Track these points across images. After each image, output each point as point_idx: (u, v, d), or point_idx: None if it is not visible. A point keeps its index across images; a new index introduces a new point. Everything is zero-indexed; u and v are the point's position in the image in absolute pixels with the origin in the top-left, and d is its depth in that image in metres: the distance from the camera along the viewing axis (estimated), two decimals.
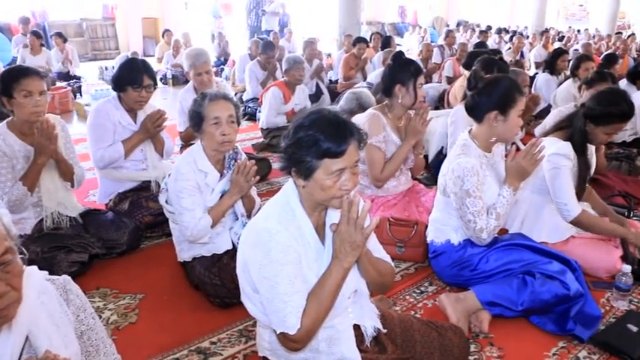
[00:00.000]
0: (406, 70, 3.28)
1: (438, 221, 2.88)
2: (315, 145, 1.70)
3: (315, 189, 1.77)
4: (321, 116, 1.76)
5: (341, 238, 1.77)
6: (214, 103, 2.76)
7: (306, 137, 1.72)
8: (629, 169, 4.81)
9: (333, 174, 1.72)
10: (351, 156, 1.73)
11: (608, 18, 19.68)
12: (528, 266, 2.61)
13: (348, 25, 10.96)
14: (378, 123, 3.33)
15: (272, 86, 5.72)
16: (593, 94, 3.13)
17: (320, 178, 1.73)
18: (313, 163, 1.72)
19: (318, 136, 1.70)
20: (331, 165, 1.71)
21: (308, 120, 1.76)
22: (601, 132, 2.99)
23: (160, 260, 3.25)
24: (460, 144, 2.73)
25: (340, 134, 1.72)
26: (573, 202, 2.97)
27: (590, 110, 2.98)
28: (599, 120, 2.96)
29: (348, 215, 1.75)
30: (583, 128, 3.00)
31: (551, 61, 7.04)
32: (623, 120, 2.97)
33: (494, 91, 2.61)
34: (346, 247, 1.77)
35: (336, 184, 1.74)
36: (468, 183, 2.58)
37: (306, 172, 1.74)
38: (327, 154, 1.70)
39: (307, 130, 1.73)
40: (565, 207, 2.96)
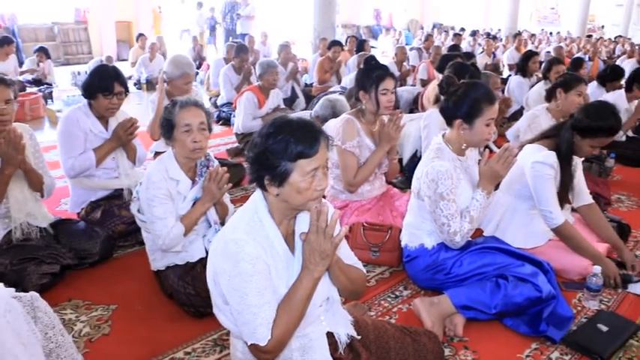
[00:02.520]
0: (368, 76, 3.29)
1: (411, 225, 2.89)
2: (287, 148, 1.71)
3: (290, 194, 1.76)
4: (287, 121, 1.78)
5: (310, 247, 1.77)
6: (185, 111, 2.74)
7: (277, 142, 1.73)
8: (599, 171, 4.89)
9: (308, 175, 1.73)
10: (322, 155, 1.75)
11: (579, 21, 20.02)
12: (501, 269, 2.63)
13: (323, 28, 10.97)
14: (352, 128, 3.34)
15: (246, 91, 5.69)
16: (583, 106, 3.16)
17: (295, 182, 1.73)
18: (288, 166, 1.72)
19: (289, 138, 1.71)
20: (306, 165, 1.72)
21: (274, 127, 1.77)
22: (587, 144, 3.02)
23: (133, 270, 3.21)
24: (434, 148, 2.75)
25: (311, 134, 1.73)
26: (557, 210, 3.00)
27: (578, 122, 3.01)
28: (587, 133, 2.99)
29: (317, 224, 1.74)
30: (570, 139, 3.03)
31: (523, 63, 7.12)
32: (611, 134, 3.00)
33: (461, 100, 2.64)
34: (316, 256, 1.77)
35: (312, 185, 1.75)
36: (442, 186, 2.60)
37: (280, 177, 1.74)
38: (301, 154, 1.71)
39: (277, 136, 1.73)
40: (550, 215, 3.00)
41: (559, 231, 3.02)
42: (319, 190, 1.77)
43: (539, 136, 3.22)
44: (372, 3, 24.14)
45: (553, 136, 3.11)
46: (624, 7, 23.83)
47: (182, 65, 4.29)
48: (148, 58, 10.65)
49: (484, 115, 2.61)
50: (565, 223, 3.00)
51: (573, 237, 3.02)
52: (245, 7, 14.39)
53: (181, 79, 4.26)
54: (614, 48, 16.56)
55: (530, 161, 3.03)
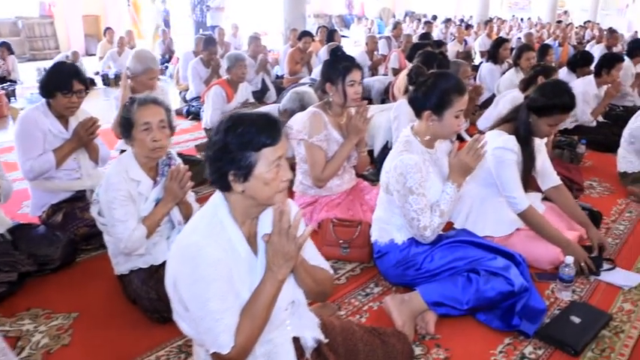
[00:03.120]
0: (335, 67, 3.22)
1: (381, 220, 2.83)
2: (251, 138, 1.66)
3: (257, 187, 1.70)
4: (242, 114, 1.73)
5: (273, 249, 1.70)
6: (144, 108, 2.65)
7: (238, 135, 1.67)
8: (571, 157, 4.88)
9: (273, 164, 1.67)
10: (284, 144, 1.71)
11: (549, 7, 20.13)
12: (472, 263, 2.58)
13: (294, 19, 10.84)
14: (318, 121, 3.26)
15: (214, 85, 5.58)
16: (538, 86, 3.13)
17: (261, 173, 1.67)
18: (252, 157, 1.66)
19: (250, 129, 1.66)
20: (270, 154, 1.67)
21: (232, 120, 1.71)
22: (544, 123, 2.99)
23: (96, 274, 3.10)
24: (402, 140, 2.68)
25: (271, 122, 1.70)
26: (521, 195, 2.97)
27: (533, 102, 2.99)
28: (542, 111, 2.96)
29: (280, 224, 1.68)
30: (527, 120, 3.00)
31: (494, 50, 7.10)
32: (565, 111, 2.98)
33: (430, 91, 2.57)
34: (279, 258, 1.70)
35: (278, 176, 1.70)
36: (410, 180, 2.54)
37: (245, 170, 1.67)
38: (265, 143, 1.66)
39: (237, 128, 1.67)
40: (514, 200, 2.97)
41: (524, 216, 3.00)
42: (285, 180, 1.72)
43: (500, 121, 3.18)
44: None
45: (512, 120, 3.07)
46: None
47: (145, 60, 4.16)
48: (116, 52, 10.45)
49: (454, 106, 2.55)
50: (530, 208, 2.97)
51: (538, 222, 3.00)
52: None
53: (145, 74, 4.14)
54: (584, 33, 16.69)
55: (491, 147, 2.99)
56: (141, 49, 4.44)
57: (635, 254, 3.31)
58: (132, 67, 4.17)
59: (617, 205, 4.09)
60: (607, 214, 3.86)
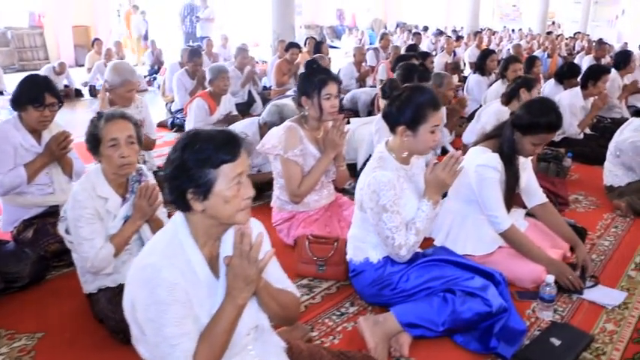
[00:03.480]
0: (310, 81, 3.15)
1: (356, 238, 2.75)
2: (209, 154, 1.60)
3: (218, 205, 1.63)
4: (200, 130, 1.68)
5: (234, 272, 1.63)
6: (111, 124, 2.58)
7: (196, 151, 1.61)
8: (557, 170, 4.81)
9: (234, 181, 1.61)
10: (245, 160, 1.65)
11: (539, 18, 20.21)
12: (449, 283, 2.50)
13: (282, 30, 10.81)
14: (294, 136, 3.19)
15: (196, 97, 5.50)
16: (524, 103, 3.07)
17: (221, 190, 1.61)
18: (212, 174, 1.60)
19: (208, 145, 1.61)
20: (230, 171, 1.61)
21: (189, 137, 1.66)
22: (528, 142, 2.92)
23: (65, 293, 2.99)
24: (376, 156, 2.61)
25: (230, 138, 1.64)
26: (503, 214, 2.90)
27: (518, 119, 2.92)
28: (527, 130, 2.89)
29: (241, 247, 1.61)
30: (511, 137, 2.93)
31: (481, 62, 7.07)
32: (551, 131, 2.92)
33: (405, 106, 2.50)
34: (240, 282, 1.63)
35: (239, 194, 1.63)
36: (384, 198, 2.46)
37: (205, 187, 1.61)
38: (224, 159, 1.60)
39: (195, 145, 1.62)
40: (495, 220, 2.90)
41: (506, 236, 2.92)
42: (247, 198, 1.66)
43: (483, 137, 3.12)
44: (335, 3, 24.06)
45: (496, 137, 3.01)
46: (582, 4, 24.19)
47: (123, 72, 4.09)
48: (103, 64, 10.32)
49: (428, 121, 2.48)
50: (512, 227, 2.90)
51: (520, 242, 2.93)
52: (204, 10, 14.16)
53: (123, 87, 4.06)
54: (574, 44, 16.74)
55: (474, 165, 2.92)
56: (119, 61, 4.37)
57: (619, 271, 3.23)
58: (110, 79, 4.10)
59: (602, 220, 4.01)
60: (592, 230, 3.79)
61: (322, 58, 6.84)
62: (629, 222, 3.99)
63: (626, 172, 4.31)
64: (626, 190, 4.27)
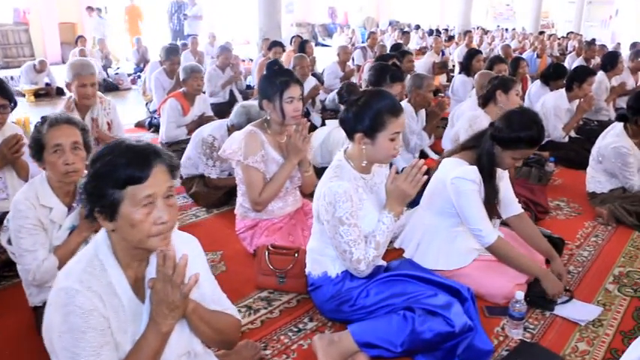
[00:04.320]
0: (271, 83, 2.98)
1: (314, 251, 2.58)
2: (114, 171, 1.45)
3: (125, 229, 1.49)
4: (119, 143, 1.53)
5: (158, 297, 1.50)
6: (55, 129, 2.42)
7: (103, 165, 1.47)
8: (540, 175, 4.65)
9: (141, 204, 1.46)
10: (159, 181, 1.49)
11: (533, 17, 20.06)
12: (410, 301, 2.33)
13: (269, 28, 10.65)
14: (254, 141, 3.02)
15: (169, 98, 5.33)
16: (504, 114, 2.89)
17: (128, 213, 1.46)
18: (116, 194, 1.45)
19: (116, 160, 1.46)
20: (137, 192, 1.45)
21: (106, 149, 1.52)
22: (508, 156, 2.76)
23: (11, 306, 2.82)
24: (334, 165, 2.44)
25: (142, 156, 1.48)
26: (487, 227, 2.74)
27: (498, 132, 2.74)
28: (507, 144, 2.73)
29: (163, 270, 1.46)
30: (490, 151, 2.77)
31: (467, 62, 6.91)
32: (533, 146, 2.76)
33: (362, 112, 2.32)
34: (163, 308, 1.49)
35: (149, 218, 1.47)
36: (340, 210, 2.29)
37: (110, 208, 1.47)
38: (130, 179, 1.45)
39: (104, 158, 1.48)
40: (480, 233, 2.73)
41: (493, 250, 2.76)
42: (160, 223, 1.49)
43: (459, 147, 2.95)
44: (327, 1, 23.89)
45: (473, 147, 2.84)
46: (575, 4, 24.07)
47: (74, 67, 3.92)
48: None
49: (387, 128, 2.30)
50: (499, 240, 2.74)
51: (508, 254, 2.76)
52: (192, 7, 13.95)
53: (75, 81, 3.87)
54: (567, 44, 16.59)
55: (450, 177, 2.75)
56: (76, 58, 4.20)
57: (596, 284, 3.07)
58: (67, 76, 3.94)
59: (583, 229, 3.85)
60: (572, 239, 3.64)
61: (302, 57, 6.64)
62: (611, 231, 3.83)
63: (608, 178, 4.16)
64: (609, 197, 4.11)
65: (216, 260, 3.30)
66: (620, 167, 3.97)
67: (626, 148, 3.95)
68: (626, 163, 3.95)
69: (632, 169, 3.97)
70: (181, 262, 1.48)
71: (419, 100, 4.60)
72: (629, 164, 3.96)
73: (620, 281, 3.10)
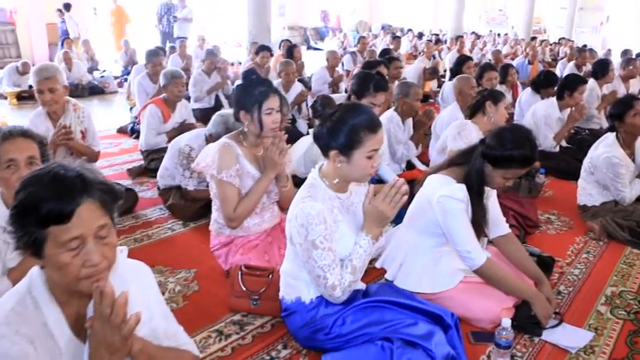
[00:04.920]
0: (249, 94, 2.82)
1: (288, 274, 2.42)
2: (34, 207, 1.27)
3: (52, 270, 1.33)
4: (46, 171, 1.33)
5: (96, 339, 1.33)
6: (9, 143, 2.28)
7: (24, 199, 1.29)
8: (530, 187, 4.52)
9: (66, 247, 1.29)
10: (87, 220, 1.31)
11: (525, 23, 19.97)
12: (388, 330, 2.18)
13: (258, 31, 10.47)
14: (229, 154, 2.85)
15: (149, 104, 5.15)
16: (495, 130, 2.74)
17: (52, 254, 1.29)
18: (37, 233, 1.28)
19: (37, 194, 1.28)
20: (59, 234, 1.28)
21: (31, 178, 1.33)
22: (499, 175, 2.61)
23: None
24: (307, 184, 2.28)
25: (65, 190, 1.29)
26: (475, 248, 2.58)
27: (489, 149, 2.59)
28: (499, 163, 2.58)
29: (100, 309, 1.30)
30: (481, 169, 2.62)
31: (457, 68, 6.76)
32: (525, 165, 2.62)
33: (337, 128, 2.15)
34: (102, 350, 1.33)
35: (76, 260, 1.31)
36: (313, 233, 2.13)
37: (33, 246, 1.30)
38: (50, 218, 1.27)
39: (26, 189, 1.30)
40: (468, 255, 2.58)
41: (482, 272, 2.60)
42: (90, 266, 1.32)
43: (446, 164, 2.80)
44: (320, 4, 23.74)
45: (461, 164, 2.69)
46: (567, 10, 24.01)
47: (34, 71, 3.76)
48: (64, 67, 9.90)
49: (364, 145, 2.14)
50: (488, 262, 2.58)
51: (498, 277, 2.61)
52: (182, 10, 13.76)
53: (37, 86, 3.70)
54: (558, 50, 16.51)
55: (436, 195, 2.59)
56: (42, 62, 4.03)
57: (588, 306, 2.92)
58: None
59: (574, 244, 3.71)
60: (562, 255, 3.50)
61: (288, 63, 6.49)
62: (602, 246, 3.68)
63: (600, 190, 4.02)
64: (601, 210, 3.97)
65: (189, 279, 3.13)
66: (611, 178, 3.84)
67: (617, 158, 3.82)
68: (617, 174, 3.82)
69: (623, 180, 3.84)
70: (120, 299, 1.31)
71: (406, 108, 4.46)
72: (621, 175, 3.82)
73: (613, 302, 2.96)
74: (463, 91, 4.76)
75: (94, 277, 1.33)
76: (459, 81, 4.91)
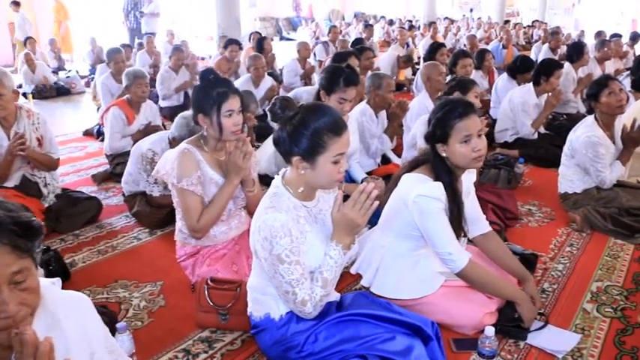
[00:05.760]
0: (207, 95, 2.63)
1: (255, 289, 2.25)
2: None
3: None
4: None
5: None
6: None
7: None
8: (509, 178, 4.40)
9: None
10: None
11: (498, 6, 19.86)
12: (364, 346, 2.02)
13: (227, 24, 10.23)
14: (189, 160, 2.66)
15: (112, 106, 4.93)
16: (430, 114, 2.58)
17: None
18: None
19: None
20: None
21: None
22: (454, 144, 2.39)
23: None
24: (270, 192, 2.11)
25: None
26: (457, 249, 2.44)
27: (429, 132, 2.46)
28: (443, 132, 2.40)
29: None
30: (439, 156, 2.46)
31: (430, 55, 6.62)
32: (466, 114, 2.37)
33: (298, 132, 1.97)
34: None
35: None
36: (277, 246, 1.95)
37: None
38: None
39: None
40: (449, 257, 2.43)
41: (465, 275, 2.45)
42: (6, 318, 1.17)
43: (414, 162, 2.63)
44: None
45: (428, 162, 2.54)
46: None
47: None
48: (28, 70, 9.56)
49: (329, 150, 1.96)
50: (470, 263, 2.43)
51: (482, 279, 2.47)
52: (149, 5, 13.43)
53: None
54: (532, 33, 16.46)
55: (412, 195, 2.44)
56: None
57: (573, 305, 2.79)
58: None
59: (557, 237, 3.59)
60: (545, 250, 3.38)
61: (257, 57, 6.28)
62: (586, 238, 3.57)
63: (581, 176, 3.89)
64: (582, 198, 3.85)
65: (155, 293, 2.95)
66: (591, 159, 3.70)
67: (597, 137, 3.70)
68: (597, 153, 3.68)
69: (603, 160, 3.71)
70: (43, 347, 1.13)
71: (378, 101, 4.30)
72: (600, 155, 3.69)
73: (599, 299, 2.84)
74: (431, 78, 4.61)
75: (10, 328, 1.15)
76: (427, 68, 4.76)
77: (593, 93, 3.80)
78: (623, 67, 7.89)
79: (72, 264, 3.30)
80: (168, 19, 16.12)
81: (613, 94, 3.68)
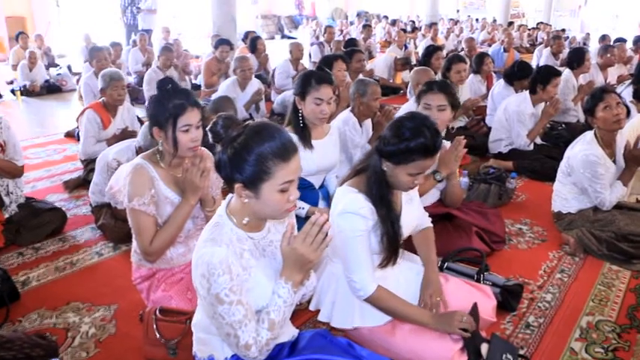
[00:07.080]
0: (163, 107, 2.39)
1: (199, 328, 2.01)
2: None
3: None
4: None
5: None
6: None
7: None
8: (500, 193, 4.16)
9: None
10: None
11: (503, 7, 19.55)
12: None
13: (223, 22, 9.98)
14: (142, 178, 2.43)
15: (86, 109, 4.70)
16: (392, 121, 2.32)
17: None
18: None
19: None
20: None
21: None
22: (402, 172, 2.19)
23: None
24: (212, 222, 1.87)
25: None
26: (364, 277, 2.23)
27: (384, 144, 2.20)
28: (397, 157, 2.17)
29: None
30: (380, 170, 2.23)
31: (425, 59, 6.39)
32: (427, 156, 2.16)
33: (240, 156, 1.72)
34: None
35: None
36: (216, 285, 1.71)
37: None
38: None
39: None
40: (354, 285, 2.25)
41: (371, 302, 2.27)
42: None
43: (352, 172, 2.39)
44: None
45: (364, 170, 2.30)
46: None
47: None
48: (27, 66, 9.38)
49: (274, 177, 1.72)
50: (377, 292, 2.23)
51: (389, 306, 2.27)
52: (146, 0, 13.20)
53: None
54: (536, 35, 16.17)
55: (336, 212, 2.25)
56: None
57: (560, 343, 2.54)
58: None
59: (547, 261, 3.34)
60: (534, 276, 3.14)
61: (244, 59, 6.05)
62: (579, 263, 3.32)
63: (577, 195, 3.65)
64: (577, 219, 3.60)
65: (107, 318, 2.74)
66: (589, 179, 3.46)
67: (595, 156, 3.45)
68: (595, 173, 3.44)
69: (602, 181, 3.46)
70: None
71: (363, 109, 4.06)
72: (599, 175, 3.44)
73: (589, 336, 2.59)
74: (421, 84, 4.37)
75: None
76: (417, 73, 4.54)
77: (588, 108, 3.56)
78: (627, 73, 7.59)
79: (25, 282, 3.09)
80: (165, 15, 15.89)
81: (609, 108, 3.43)
